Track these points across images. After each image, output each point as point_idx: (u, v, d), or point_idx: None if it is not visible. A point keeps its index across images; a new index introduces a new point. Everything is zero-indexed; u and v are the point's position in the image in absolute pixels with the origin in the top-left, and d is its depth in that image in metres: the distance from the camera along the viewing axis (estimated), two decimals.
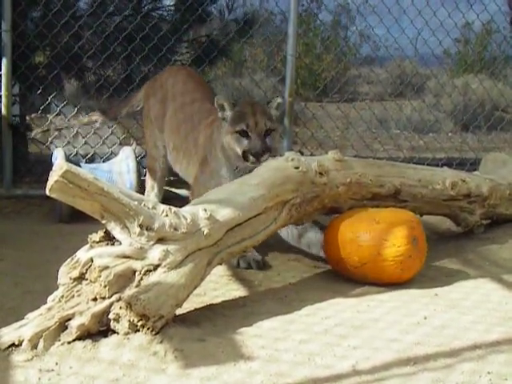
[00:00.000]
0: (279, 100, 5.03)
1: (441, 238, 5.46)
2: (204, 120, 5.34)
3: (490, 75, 12.56)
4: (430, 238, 5.20)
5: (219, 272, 4.42)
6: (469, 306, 3.95)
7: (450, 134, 11.53)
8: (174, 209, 3.50)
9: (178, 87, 5.70)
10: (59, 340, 3.17)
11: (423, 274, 4.46)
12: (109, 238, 3.37)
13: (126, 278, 3.28)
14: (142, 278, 3.28)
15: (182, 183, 6.97)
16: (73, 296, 3.26)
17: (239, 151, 4.77)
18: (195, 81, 5.83)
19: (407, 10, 7.98)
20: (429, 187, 4.99)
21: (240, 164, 4.84)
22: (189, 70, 6.23)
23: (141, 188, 6.05)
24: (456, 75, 14.01)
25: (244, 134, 4.77)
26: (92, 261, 3.27)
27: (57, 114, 7.18)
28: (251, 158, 4.72)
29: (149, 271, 3.31)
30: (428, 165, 6.22)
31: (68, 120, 7.19)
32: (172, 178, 6.93)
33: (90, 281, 3.26)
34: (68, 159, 5.90)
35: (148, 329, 3.23)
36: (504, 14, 9.58)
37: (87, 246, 3.36)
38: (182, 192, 6.83)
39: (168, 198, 5.96)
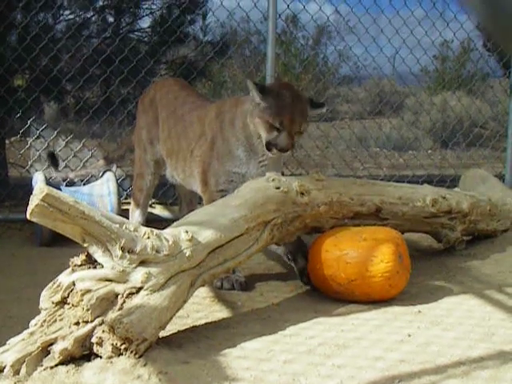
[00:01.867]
0: (325, 109, 4.93)
1: (422, 255, 5.48)
2: (200, 109, 5.26)
3: (467, 92, 12.65)
4: (411, 256, 5.21)
5: (202, 294, 4.42)
6: (452, 322, 3.96)
7: (429, 151, 11.58)
8: (155, 231, 3.50)
9: (166, 96, 5.62)
10: (42, 365, 3.14)
11: (406, 292, 4.46)
12: (90, 262, 3.35)
13: (109, 301, 3.27)
14: (124, 301, 3.27)
15: (163, 205, 6.98)
16: (55, 320, 3.23)
17: (265, 140, 4.63)
18: (183, 86, 5.78)
19: (384, 29, 8.03)
20: (409, 205, 5.01)
21: (259, 148, 4.77)
22: (175, 79, 6.23)
23: (122, 211, 6.04)
24: (434, 93, 14.10)
25: (275, 128, 4.61)
26: (74, 284, 3.25)
27: (36, 138, 7.16)
28: (275, 151, 4.59)
29: (131, 294, 3.29)
30: (408, 182, 6.24)
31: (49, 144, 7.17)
32: (153, 200, 6.92)
33: (73, 305, 3.23)
34: (48, 183, 5.87)
35: (131, 352, 3.21)
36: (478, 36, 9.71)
37: (69, 269, 3.34)
38: (164, 214, 6.83)
39: (149, 220, 5.95)
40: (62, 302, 3.25)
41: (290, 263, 4.81)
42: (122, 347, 3.20)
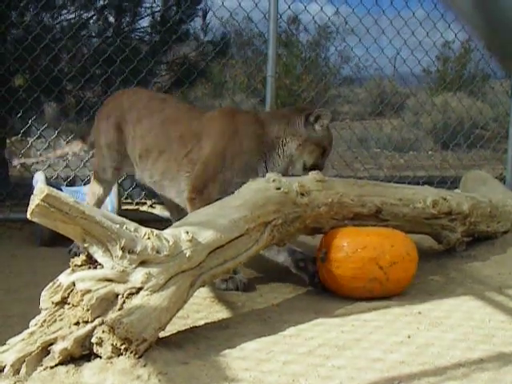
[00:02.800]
0: None
1: (423, 257, 5.45)
2: (194, 113, 5.34)
3: (468, 93, 12.65)
4: None
5: (202, 294, 4.41)
6: (452, 323, 3.95)
7: (430, 152, 11.59)
8: (155, 231, 3.50)
9: (138, 102, 5.54)
10: (42, 365, 3.14)
11: (406, 293, 4.47)
12: (91, 262, 3.35)
13: (109, 301, 3.27)
14: (124, 302, 3.27)
15: (163, 205, 6.97)
16: (55, 320, 3.23)
17: (312, 163, 5.12)
18: (155, 94, 5.86)
19: (386, 30, 8.02)
20: (410, 206, 5.01)
21: (278, 165, 5.11)
22: (143, 89, 6.18)
23: (122, 211, 6.04)
24: (435, 94, 14.10)
25: (323, 153, 5.16)
26: (74, 285, 3.25)
27: (37, 138, 7.16)
28: (316, 169, 4.90)
29: (131, 294, 3.29)
30: (409, 183, 6.25)
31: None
32: (153, 200, 6.92)
33: (73, 305, 3.23)
34: (49, 183, 5.87)
35: (131, 352, 3.21)
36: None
37: (69, 269, 3.34)
38: (164, 214, 6.82)
39: (150, 220, 5.94)
40: (62, 302, 3.25)
41: (299, 273, 4.76)
42: (122, 347, 3.20)
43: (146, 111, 5.44)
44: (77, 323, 3.21)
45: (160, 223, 5.23)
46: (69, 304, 3.25)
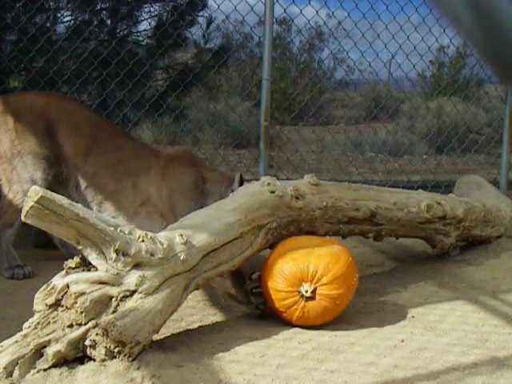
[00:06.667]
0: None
1: (416, 261, 5.48)
2: (153, 157, 5.20)
3: (463, 98, 12.67)
4: (405, 261, 5.25)
5: (196, 297, 4.41)
6: (445, 328, 3.96)
7: (424, 157, 11.61)
8: (150, 234, 3.49)
9: (74, 115, 5.22)
10: (35, 367, 3.14)
11: (400, 297, 4.47)
12: (85, 264, 3.35)
13: (103, 304, 3.26)
14: (118, 304, 3.27)
15: None
16: (49, 323, 3.23)
17: None
18: (91, 114, 5.50)
19: (381, 34, 8.04)
20: (404, 210, 5.01)
21: None
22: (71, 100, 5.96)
23: None
24: (430, 98, 14.12)
25: None
26: (68, 287, 3.24)
27: None
28: None
29: (125, 297, 3.29)
30: (403, 187, 6.23)
31: None
32: None
33: (66, 307, 3.23)
34: None
35: (125, 355, 3.21)
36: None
37: (63, 272, 3.34)
38: None
39: None
40: (56, 305, 3.25)
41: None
42: (116, 350, 3.20)
43: (92, 142, 5.12)
44: (70, 326, 3.20)
45: None
46: (62, 306, 3.24)
